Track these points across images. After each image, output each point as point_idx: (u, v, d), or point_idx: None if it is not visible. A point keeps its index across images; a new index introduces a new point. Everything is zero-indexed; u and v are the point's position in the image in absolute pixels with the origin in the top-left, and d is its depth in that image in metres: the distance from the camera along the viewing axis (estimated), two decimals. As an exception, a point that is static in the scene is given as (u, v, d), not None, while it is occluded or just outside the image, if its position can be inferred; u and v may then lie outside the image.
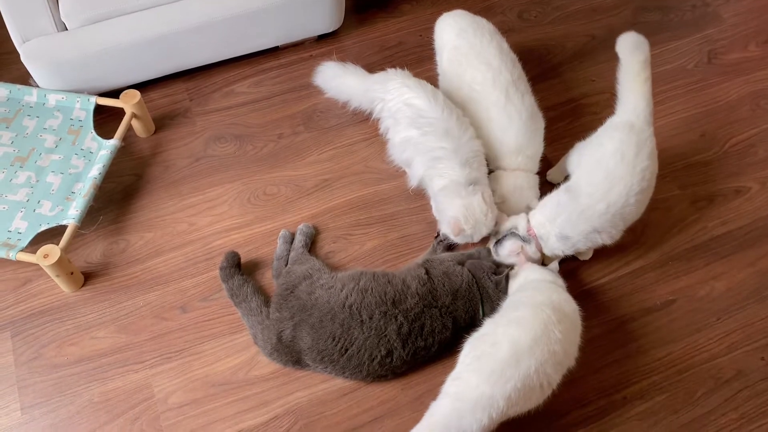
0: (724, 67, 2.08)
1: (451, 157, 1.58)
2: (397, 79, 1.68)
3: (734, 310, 1.63)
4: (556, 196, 1.57)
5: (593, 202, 1.49)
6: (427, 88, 1.65)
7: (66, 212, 1.62)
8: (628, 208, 1.49)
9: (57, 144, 1.74)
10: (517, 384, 1.25)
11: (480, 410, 1.25)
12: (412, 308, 1.46)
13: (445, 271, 1.53)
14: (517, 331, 1.30)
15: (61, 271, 1.55)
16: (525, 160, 1.69)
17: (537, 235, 1.56)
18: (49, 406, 1.48)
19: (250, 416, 1.47)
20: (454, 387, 1.30)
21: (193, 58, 1.96)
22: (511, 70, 1.70)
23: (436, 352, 1.49)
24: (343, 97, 1.89)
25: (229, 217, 1.76)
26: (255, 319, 1.53)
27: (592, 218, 1.49)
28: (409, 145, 1.64)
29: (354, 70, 1.86)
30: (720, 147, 1.91)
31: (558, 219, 1.53)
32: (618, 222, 1.51)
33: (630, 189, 1.47)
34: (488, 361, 1.28)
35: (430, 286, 1.50)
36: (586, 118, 1.96)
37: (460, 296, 1.49)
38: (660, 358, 1.56)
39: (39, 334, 1.57)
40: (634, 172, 1.48)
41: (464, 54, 1.73)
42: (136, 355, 1.55)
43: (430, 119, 1.60)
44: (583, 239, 1.52)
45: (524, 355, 1.27)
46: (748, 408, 1.49)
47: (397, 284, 1.50)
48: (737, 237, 1.74)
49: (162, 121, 1.93)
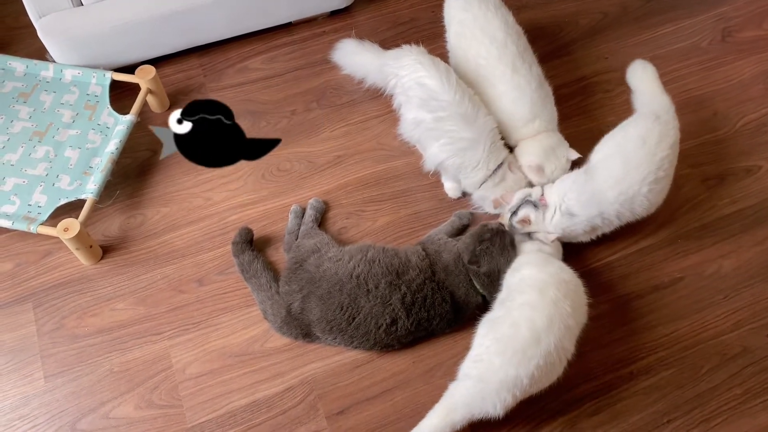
0: (738, 45, 2.07)
1: (476, 146, 1.61)
2: (412, 56, 1.68)
3: (741, 288, 1.65)
4: (574, 174, 1.60)
5: (606, 187, 1.51)
6: (441, 67, 1.65)
7: (84, 186, 1.65)
8: (640, 198, 1.52)
9: (74, 119, 1.77)
10: (539, 362, 1.30)
11: (505, 390, 1.30)
12: (414, 279, 1.50)
13: (437, 249, 1.57)
14: (531, 313, 1.34)
15: (80, 244, 1.59)
16: (543, 124, 1.70)
17: (547, 203, 1.57)
18: (71, 374, 1.53)
19: (266, 386, 1.51)
20: (477, 369, 1.35)
21: (207, 34, 1.97)
22: (517, 42, 1.71)
23: (438, 325, 1.52)
24: (359, 74, 1.90)
25: (243, 192, 1.78)
26: (264, 294, 1.57)
27: (602, 203, 1.52)
28: (421, 128, 1.65)
29: (371, 47, 1.86)
30: (732, 126, 1.91)
31: (569, 195, 1.55)
32: (625, 212, 1.54)
33: (645, 177, 1.50)
34: (510, 343, 1.32)
35: (429, 261, 1.54)
36: (598, 96, 1.96)
37: (450, 272, 1.53)
38: (667, 334, 1.59)
39: (60, 306, 1.61)
40: (652, 160, 1.51)
41: (470, 28, 1.74)
42: (155, 327, 1.59)
43: (442, 102, 1.60)
44: (585, 221, 1.54)
45: (543, 334, 1.32)
46: (752, 384, 1.53)
47: (402, 257, 1.54)
48: (746, 216, 1.76)
49: (176, 97, 1.95)
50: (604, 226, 1.58)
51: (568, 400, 1.50)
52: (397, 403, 1.50)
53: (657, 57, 2.04)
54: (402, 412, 1.49)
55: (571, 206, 1.54)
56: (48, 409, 1.49)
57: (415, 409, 1.49)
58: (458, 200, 1.78)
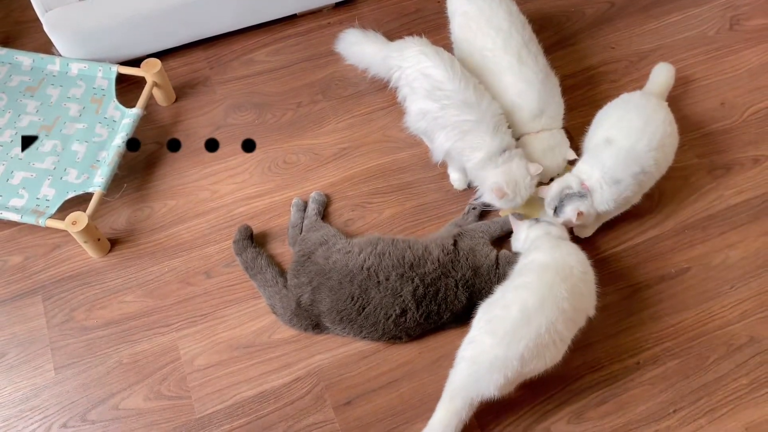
0: (746, 34, 2.06)
1: (478, 128, 1.59)
2: (415, 47, 1.67)
3: (748, 278, 1.65)
4: (595, 148, 1.60)
5: (633, 141, 1.54)
6: (445, 56, 1.64)
7: (92, 180, 1.66)
8: (667, 139, 1.58)
9: (81, 113, 1.78)
10: (529, 343, 1.30)
11: (496, 371, 1.30)
12: (430, 273, 1.50)
13: (473, 246, 1.56)
14: (525, 294, 1.35)
15: (88, 237, 1.60)
16: (548, 120, 1.69)
17: (589, 187, 1.56)
18: (81, 366, 1.54)
19: (273, 377, 1.53)
20: (470, 350, 1.35)
21: (212, 27, 1.97)
22: (522, 33, 1.70)
23: (448, 320, 1.52)
24: (362, 64, 1.90)
25: (250, 185, 1.79)
26: (272, 289, 1.57)
27: (638, 157, 1.54)
28: (427, 118, 1.65)
29: (375, 37, 1.86)
30: (739, 115, 1.90)
31: (606, 164, 1.54)
32: (660, 157, 1.56)
33: (665, 117, 1.59)
34: (500, 323, 1.33)
35: (453, 257, 1.53)
36: (604, 86, 1.96)
37: (480, 275, 1.53)
38: (673, 324, 1.59)
39: (69, 298, 1.62)
40: (663, 105, 1.62)
41: (474, 19, 1.73)
42: (163, 319, 1.60)
43: (447, 92, 1.60)
44: (632, 182, 1.54)
45: (534, 315, 1.32)
46: (759, 374, 1.52)
47: (417, 249, 1.53)
48: (753, 206, 1.75)
49: (182, 90, 1.95)
50: (647, 181, 1.58)
51: (574, 390, 1.51)
52: (403, 393, 1.51)
53: (664, 46, 2.03)
54: (409, 403, 1.50)
55: (614, 172, 1.54)
56: (58, 400, 1.50)
57: (421, 399, 1.50)
58: (464, 191, 1.78)
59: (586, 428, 1.46)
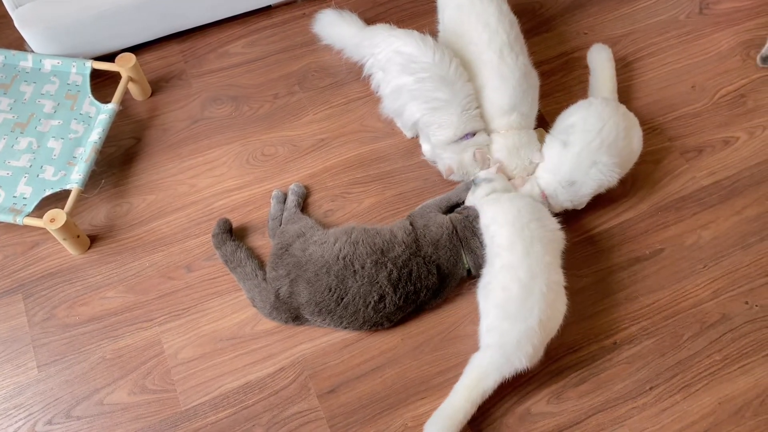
0: (716, 17, 2.09)
1: (448, 108, 1.63)
2: (384, 32, 1.73)
3: (720, 258, 1.69)
4: (551, 149, 1.66)
5: (589, 140, 1.59)
6: (415, 34, 1.68)
7: (69, 177, 1.65)
8: (620, 141, 1.61)
9: (55, 109, 1.76)
10: (541, 308, 1.41)
11: (524, 345, 1.41)
12: (400, 256, 1.52)
13: (425, 224, 1.59)
14: (514, 273, 1.44)
15: (67, 235, 1.59)
16: (519, 118, 1.71)
17: (547, 195, 1.63)
18: (64, 363, 1.55)
19: (257, 368, 1.54)
20: (493, 337, 1.43)
21: (186, 20, 1.96)
22: (508, 31, 1.71)
23: (426, 297, 1.55)
24: (338, 46, 1.93)
25: (228, 178, 1.79)
26: (251, 282, 1.58)
27: (591, 153, 1.59)
28: (403, 92, 1.67)
29: (350, 18, 1.89)
30: (710, 98, 1.94)
31: (562, 168, 1.61)
32: (614, 152, 1.60)
33: (618, 124, 1.62)
34: (508, 305, 1.43)
35: (414, 236, 1.56)
36: (578, 72, 1.98)
37: (441, 246, 1.56)
38: (648, 304, 1.63)
39: (50, 296, 1.62)
40: (618, 114, 1.65)
41: (466, 13, 1.74)
42: (145, 314, 1.60)
43: (423, 64, 1.63)
44: (586, 179, 1.60)
45: (531, 284, 1.43)
46: (731, 350, 1.57)
47: (385, 235, 1.56)
48: (724, 186, 1.79)
49: (158, 84, 1.94)
50: (607, 172, 1.61)
51: (553, 371, 1.54)
52: (386, 379, 1.53)
53: (635, 31, 2.06)
54: (392, 388, 1.52)
55: (571, 175, 1.60)
56: (42, 397, 1.51)
57: (404, 385, 1.52)
58: (442, 180, 1.79)
59: (565, 408, 1.50)
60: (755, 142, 1.86)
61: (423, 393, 1.52)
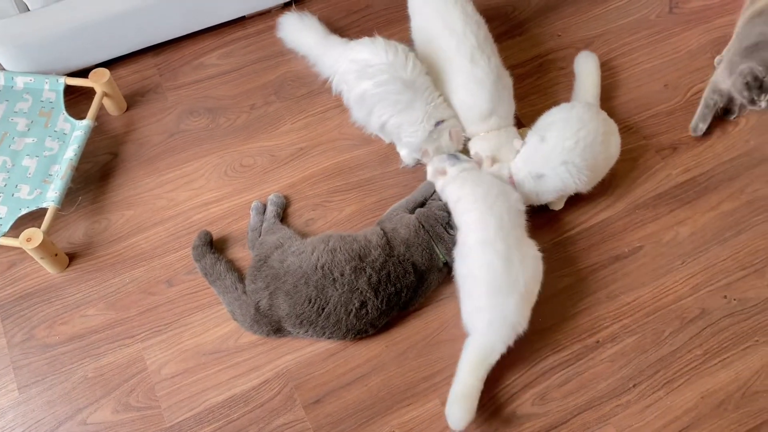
0: (686, 16, 2.12)
1: (414, 104, 1.66)
2: (338, 47, 1.78)
3: (698, 253, 1.71)
4: (529, 142, 1.69)
5: (564, 139, 1.61)
6: (365, 39, 1.70)
7: (45, 195, 1.64)
8: (597, 146, 1.62)
9: (29, 127, 1.74)
10: (525, 272, 1.49)
11: (522, 308, 1.48)
12: (377, 259, 1.53)
13: (393, 227, 1.60)
14: (491, 247, 1.49)
15: (45, 254, 1.58)
16: (498, 120, 1.72)
17: (515, 181, 1.66)
18: (45, 384, 1.53)
19: (242, 381, 1.53)
20: (491, 313, 1.47)
21: (160, 33, 1.95)
22: (476, 33, 1.72)
23: (407, 297, 1.55)
24: (301, 52, 1.94)
25: (207, 190, 1.78)
26: (231, 295, 1.58)
27: (565, 152, 1.61)
28: (366, 98, 1.68)
29: (311, 25, 1.91)
30: (682, 96, 1.96)
31: (533, 159, 1.65)
32: (587, 156, 1.61)
33: (597, 128, 1.63)
34: (496, 279, 1.47)
35: (386, 239, 1.57)
36: (553, 74, 2.00)
37: (412, 244, 1.57)
38: (629, 302, 1.64)
39: (29, 316, 1.60)
40: (598, 119, 1.66)
41: (432, 20, 1.75)
42: (127, 330, 1.59)
43: (379, 66, 1.64)
44: (554, 176, 1.62)
45: (510, 254, 1.48)
46: (711, 344, 1.59)
47: (360, 240, 1.56)
48: (700, 183, 1.82)
49: (133, 98, 1.93)
50: (575, 173, 1.63)
51: (537, 372, 1.55)
52: (372, 387, 1.53)
53: (608, 32, 2.08)
54: (377, 396, 1.52)
55: (540, 167, 1.63)
56: (24, 419, 1.49)
57: (390, 392, 1.52)
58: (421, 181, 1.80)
59: (550, 409, 1.51)
60: (728, 138, 1.89)
61: (409, 399, 1.52)
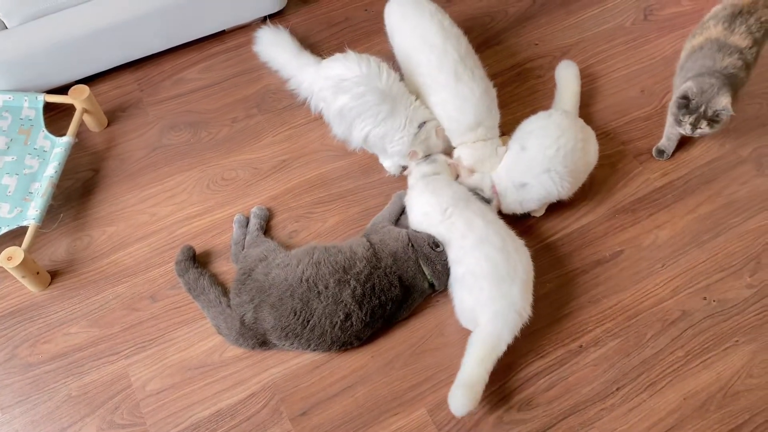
0: (660, 23, 2.16)
1: (395, 114, 1.68)
2: (310, 68, 1.81)
3: (677, 256, 1.73)
4: (510, 151, 1.71)
5: (545, 147, 1.64)
6: (337, 55, 1.71)
7: (25, 213, 1.63)
8: (576, 152, 1.65)
9: (8, 145, 1.74)
10: (523, 262, 1.55)
11: (526, 295, 1.53)
12: (362, 271, 1.53)
13: (381, 238, 1.61)
14: (488, 242, 1.54)
15: (26, 272, 1.57)
16: (485, 131, 1.74)
17: (498, 191, 1.68)
18: (28, 404, 1.51)
19: (228, 395, 1.53)
20: (498, 303, 1.50)
21: (139, 48, 1.95)
22: (457, 47, 1.73)
23: (392, 310, 1.56)
24: (274, 66, 1.95)
25: (189, 204, 1.78)
26: (215, 309, 1.57)
27: (546, 160, 1.64)
28: (345, 112, 1.68)
29: (285, 42, 1.92)
30: (658, 101, 2.00)
31: (515, 169, 1.67)
32: (568, 162, 1.64)
33: (576, 135, 1.66)
34: (497, 270, 1.51)
35: (373, 251, 1.57)
36: (531, 82, 2.02)
37: (399, 258, 1.57)
38: (611, 306, 1.66)
39: (11, 335, 1.59)
40: (576, 126, 1.69)
41: (409, 38, 1.77)
42: (111, 347, 1.58)
43: (354, 79, 1.65)
44: (537, 184, 1.65)
45: (507, 245, 1.54)
46: (693, 345, 1.61)
47: (345, 252, 1.56)
48: (677, 187, 1.84)
49: (114, 114, 1.93)
50: (558, 181, 1.65)
51: (522, 378, 1.56)
52: (358, 398, 1.53)
53: (584, 40, 2.11)
54: (364, 407, 1.52)
55: (523, 176, 1.66)
56: (7, 440, 1.47)
57: (376, 402, 1.53)
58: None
59: (536, 414, 1.52)
60: (704, 141, 1.92)
61: (396, 409, 1.52)
